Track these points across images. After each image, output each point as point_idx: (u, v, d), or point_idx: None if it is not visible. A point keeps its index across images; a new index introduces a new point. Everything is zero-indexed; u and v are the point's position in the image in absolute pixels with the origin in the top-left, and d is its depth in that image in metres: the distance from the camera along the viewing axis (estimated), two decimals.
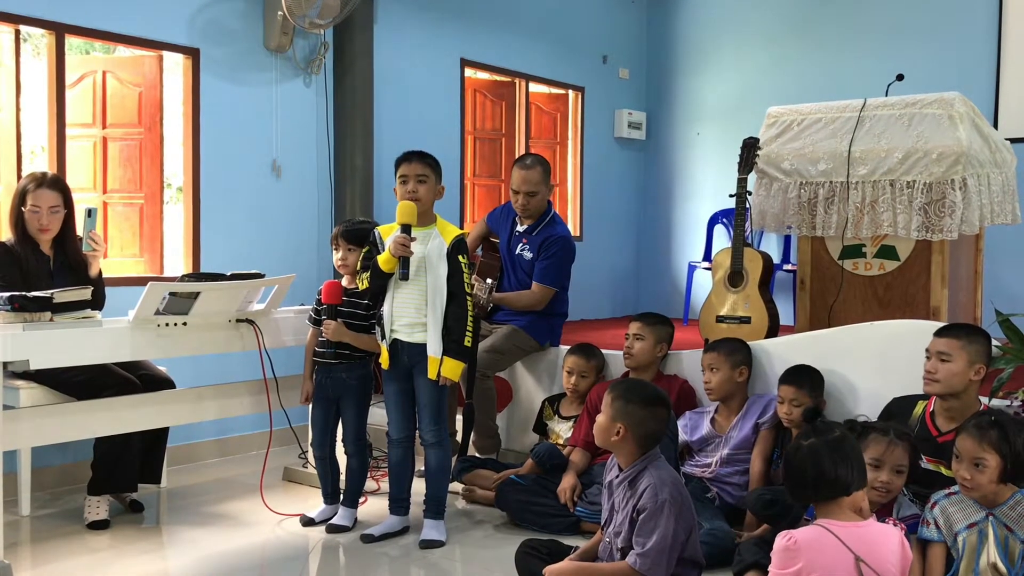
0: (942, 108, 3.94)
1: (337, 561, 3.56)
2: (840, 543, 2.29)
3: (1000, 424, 2.62)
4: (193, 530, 3.82)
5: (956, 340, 3.08)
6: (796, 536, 2.33)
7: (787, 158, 4.28)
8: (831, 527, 2.32)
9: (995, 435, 2.59)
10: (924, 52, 6.19)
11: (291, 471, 4.56)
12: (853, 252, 4.20)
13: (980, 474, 2.60)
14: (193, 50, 4.87)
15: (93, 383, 3.68)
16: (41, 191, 3.78)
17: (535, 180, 4.43)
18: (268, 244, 5.16)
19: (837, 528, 2.32)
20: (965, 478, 2.62)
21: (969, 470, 2.61)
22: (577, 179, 7.18)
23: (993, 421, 2.64)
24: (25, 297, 3.27)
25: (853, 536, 2.31)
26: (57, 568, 3.36)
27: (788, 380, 3.57)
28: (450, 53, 6.16)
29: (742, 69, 7.14)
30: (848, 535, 2.30)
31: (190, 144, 4.91)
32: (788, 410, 3.52)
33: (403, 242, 3.49)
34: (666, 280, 7.50)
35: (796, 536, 2.33)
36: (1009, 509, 2.61)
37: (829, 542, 2.30)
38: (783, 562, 2.32)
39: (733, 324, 4.30)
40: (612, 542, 2.79)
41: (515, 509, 3.83)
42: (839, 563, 2.28)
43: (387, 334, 3.62)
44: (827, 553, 2.28)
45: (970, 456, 2.61)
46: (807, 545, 2.30)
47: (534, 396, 4.61)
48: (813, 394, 3.53)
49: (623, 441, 2.75)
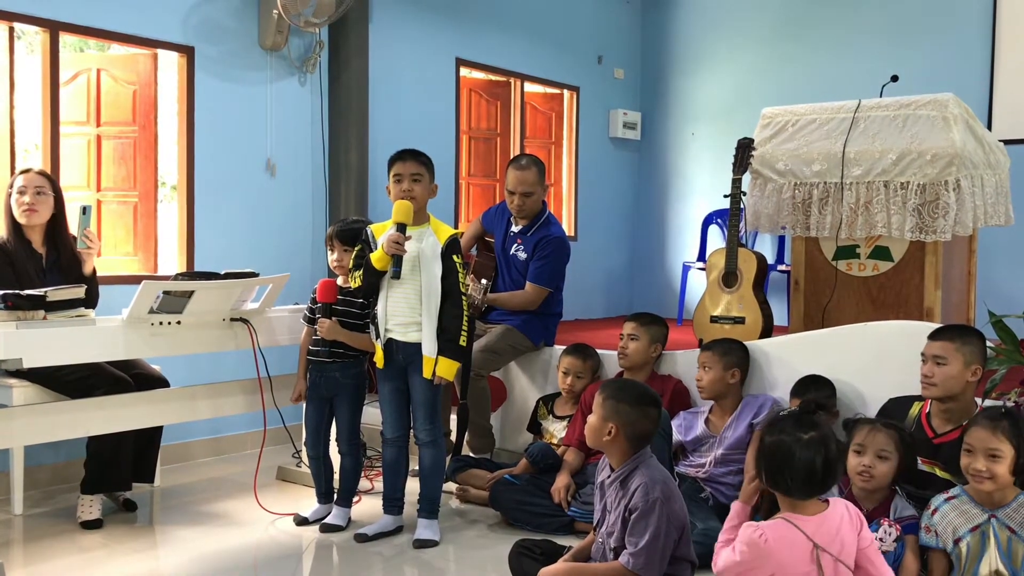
0: (936, 109, 3.95)
1: (331, 560, 3.56)
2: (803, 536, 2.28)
3: (1011, 414, 2.63)
4: (186, 529, 3.82)
5: (951, 343, 3.08)
6: (766, 532, 2.30)
7: (781, 159, 4.29)
8: (796, 521, 2.31)
9: (1007, 425, 2.59)
10: (918, 54, 6.20)
11: (285, 470, 4.55)
12: (847, 253, 4.20)
13: (997, 464, 2.57)
14: (188, 48, 4.86)
15: (86, 381, 3.67)
16: (27, 174, 3.83)
17: (531, 181, 4.43)
18: (262, 243, 5.15)
19: (802, 522, 2.31)
20: (981, 470, 2.59)
21: (985, 462, 2.58)
22: (572, 179, 7.19)
23: (1004, 412, 2.65)
24: (18, 295, 3.26)
25: (814, 526, 2.30)
26: (50, 567, 3.35)
27: (799, 393, 3.57)
28: (445, 52, 6.16)
29: (737, 70, 7.15)
30: (813, 529, 2.29)
31: (184, 142, 4.90)
32: None
33: (397, 240, 3.49)
34: (660, 280, 7.51)
35: (766, 532, 2.30)
36: (1013, 511, 2.61)
37: (793, 537, 2.29)
38: (751, 557, 2.30)
39: (727, 324, 4.30)
40: (605, 542, 2.79)
41: (509, 509, 3.84)
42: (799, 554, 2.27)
43: (381, 333, 3.62)
44: (789, 548, 2.28)
45: (984, 447, 2.59)
46: (775, 542, 2.29)
47: (528, 396, 4.61)
48: (826, 404, 3.52)
49: (614, 441, 2.75)
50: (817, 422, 2.39)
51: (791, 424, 2.36)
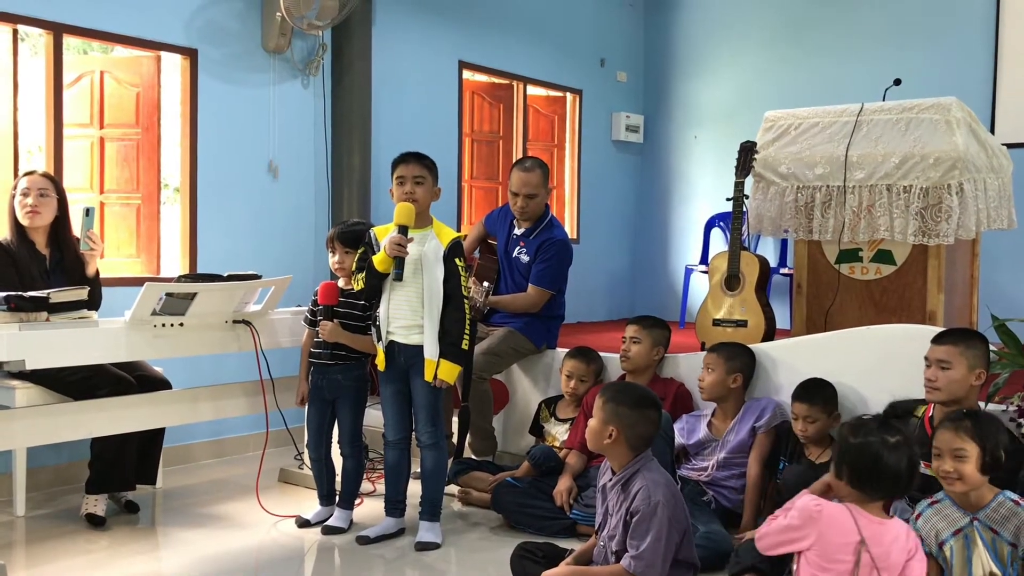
0: (939, 113, 3.95)
1: (332, 563, 3.56)
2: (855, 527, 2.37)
3: (973, 415, 2.68)
4: (188, 531, 3.82)
5: (954, 347, 3.08)
6: (823, 506, 2.41)
7: (784, 162, 4.29)
8: (855, 513, 2.40)
9: (969, 424, 2.62)
10: (922, 57, 6.20)
11: (287, 472, 4.55)
12: (850, 256, 4.20)
13: (964, 464, 2.60)
14: (191, 51, 4.87)
15: (88, 383, 3.68)
16: (31, 176, 3.85)
17: (534, 183, 4.43)
18: (265, 245, 5.16)
19: (860, 516, 2.40)
20: (948, 471, 2.63)
21: (952, 462, 2.62)
22: (574, 182, 7.19)
23: (965, 413, 2.70)
24: (21, 297, 3.27)
25: (871, 526, 2.38)
26: (52, 568, 3.35)
27: (801, 397, 3.53)
28: (448, 55, 6.17)
29: (739, 73, 7.15)
30: (866, 525, 2.38)
31: (187, 145, 4.90)
32: (803, 427, 3.50)
33: (399, 242, 3.49)
34: (663, 283, 7.51)
35: (823, 506, 2.41)
36: (992, 511, 2.62)
37: (845, 522, 2.37)
38: (799, 523, 2.41)
39: (729, 328, 4.30)
40: (607, 545, 2.79)
41: (511, 511, 3.83)
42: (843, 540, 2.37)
43: (383, 336, 3.62)
44: (838, 529, 2.37)
45: (949, 448, 2.63)
46: (828, 518, 2.39)
47: (530, 398, 4.61)
48: (827, 409, 3.51)
49: (616, 444, 2.75)
50: (900, 427, 2.49)
51: (877, 427, 2.46)
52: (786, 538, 2.45)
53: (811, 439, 3.50)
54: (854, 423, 2.53)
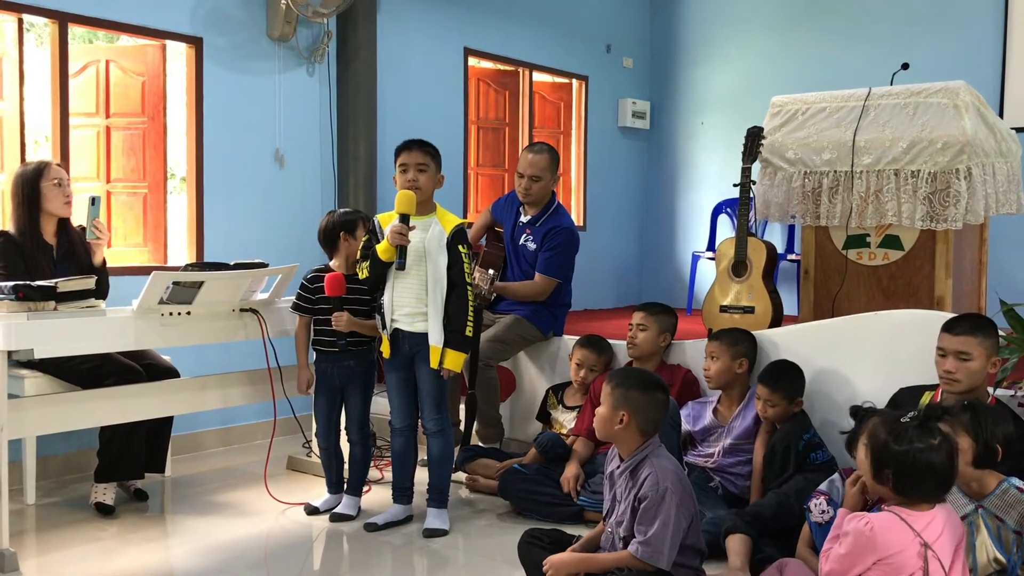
0: (947, 97, 3.92)
1: (341, 550, 3.57)
2: (912, 533, 2.30)
3: (971, 408, 2.65)
4: (197, 519, 3.84)
5: (973, 337, 3.03)
6: (872, 521, 2.33)
7: (791, 147, 4.27)
8: (905, 516, 2.34)
9: (966, 419, 2.60)
10: (929, 41, 6.16)
11: (295, 460, 4.57)
12: (857, 242, 4.19)
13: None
14: (196, 39, 4.87)
15: (96, 371, 3.69)
16: (58, 167, 3.85)
17: (541, 165, 4.42)
18: (271, 233, 5.16)
19: (911, 518, 2.33)
20: None
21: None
22: (581, 169, 7.17)
23: (965, 406, 2.67)
24: (29, 286, 3.28)
25: (923, 524, 2.32)
26: (62, 556, 3.37)
27: (765, 380, 3.54)
28: (454, 42, 6.15)
29: (746, 58, 7.12)
30: (922, 526, 2.32)
31: (193, 133, 4.90)
32: (763, 408, 3.53)
33: (400, 231, 3.49)
34: (670, 270, 7.49)
35: (872, 521, 2.33)
36: (997, 499, 2.61)
37: (900, 530, 2.31)
38: (857, 548, 2.32)
39: (737, 314, 4.29)
40: (614, 532, 2.79)
41: (518, 498, 3.84)
42: (905, 547, 2.30)
43: (388, 323, 3.62)
44: (896, 539, 2.31)
45: None
46: (882, 534, 2.31)
47: (537, 385, 4.62)
48: (788, 396, 3.50)
49: (627, 429, 2.75)
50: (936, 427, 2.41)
51: (918, 431, 2.38)
52: (848, 564, 2.36)
53: (770, 420, 3.53)
54: (891, 425, 2.43)
